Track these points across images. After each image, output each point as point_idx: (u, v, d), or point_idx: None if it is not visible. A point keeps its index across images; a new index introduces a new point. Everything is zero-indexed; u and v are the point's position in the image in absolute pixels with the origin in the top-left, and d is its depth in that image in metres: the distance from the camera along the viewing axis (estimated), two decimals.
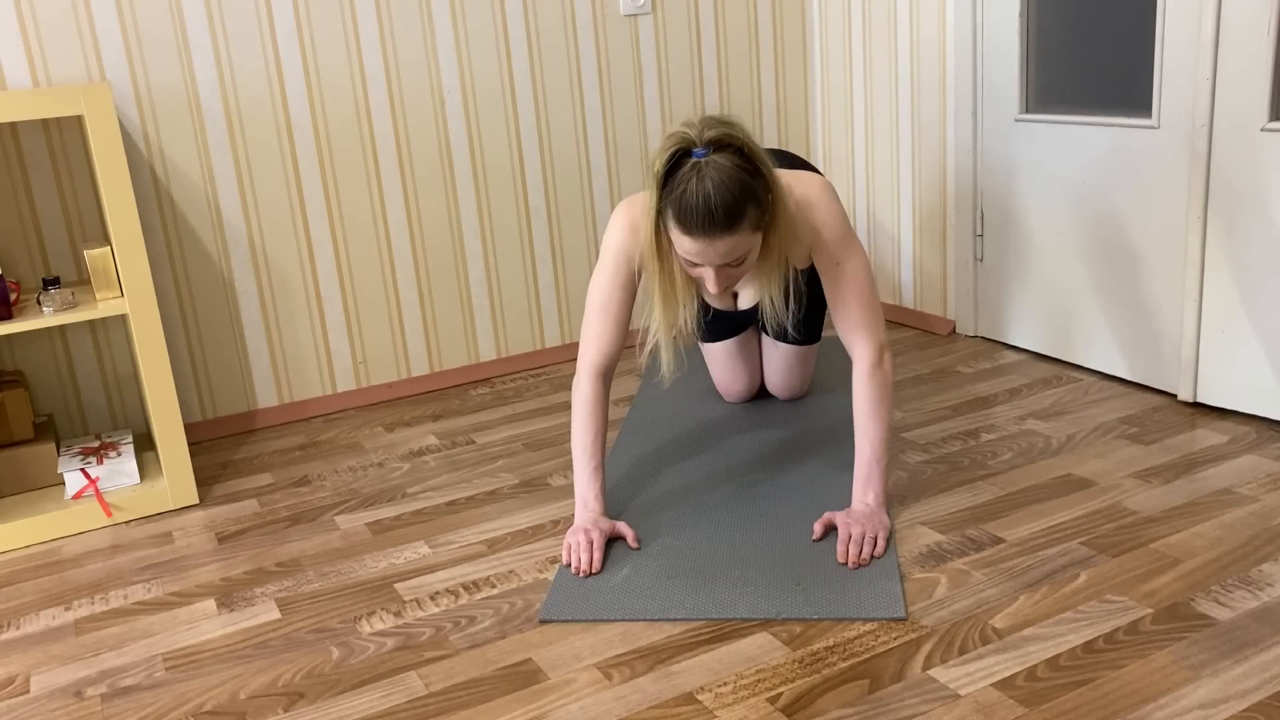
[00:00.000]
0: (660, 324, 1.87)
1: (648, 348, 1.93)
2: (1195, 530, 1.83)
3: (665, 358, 1.90)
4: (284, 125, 2.62)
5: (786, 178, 1.88)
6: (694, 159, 1.68)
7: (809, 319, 2.35)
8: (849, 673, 1.51)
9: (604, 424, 1.96)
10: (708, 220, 1.65)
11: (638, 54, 3.00)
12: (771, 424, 2.41)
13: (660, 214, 1.74)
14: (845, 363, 2.79)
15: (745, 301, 2.25)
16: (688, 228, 1.68)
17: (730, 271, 1.76)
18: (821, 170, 3.35)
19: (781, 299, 1.87)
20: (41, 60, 2.36)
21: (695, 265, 1.76)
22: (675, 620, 1.67)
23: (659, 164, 1.70)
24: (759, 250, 1.78)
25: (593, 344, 1.96)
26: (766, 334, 2.45)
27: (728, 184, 1.65)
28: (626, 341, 1.98)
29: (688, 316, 1.88)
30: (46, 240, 2.45)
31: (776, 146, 3.28)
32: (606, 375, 1.96)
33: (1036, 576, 1.73)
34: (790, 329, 2.25)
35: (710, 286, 1.77)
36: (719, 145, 1.68)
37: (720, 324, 2.38)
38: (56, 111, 2.04)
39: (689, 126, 1.70)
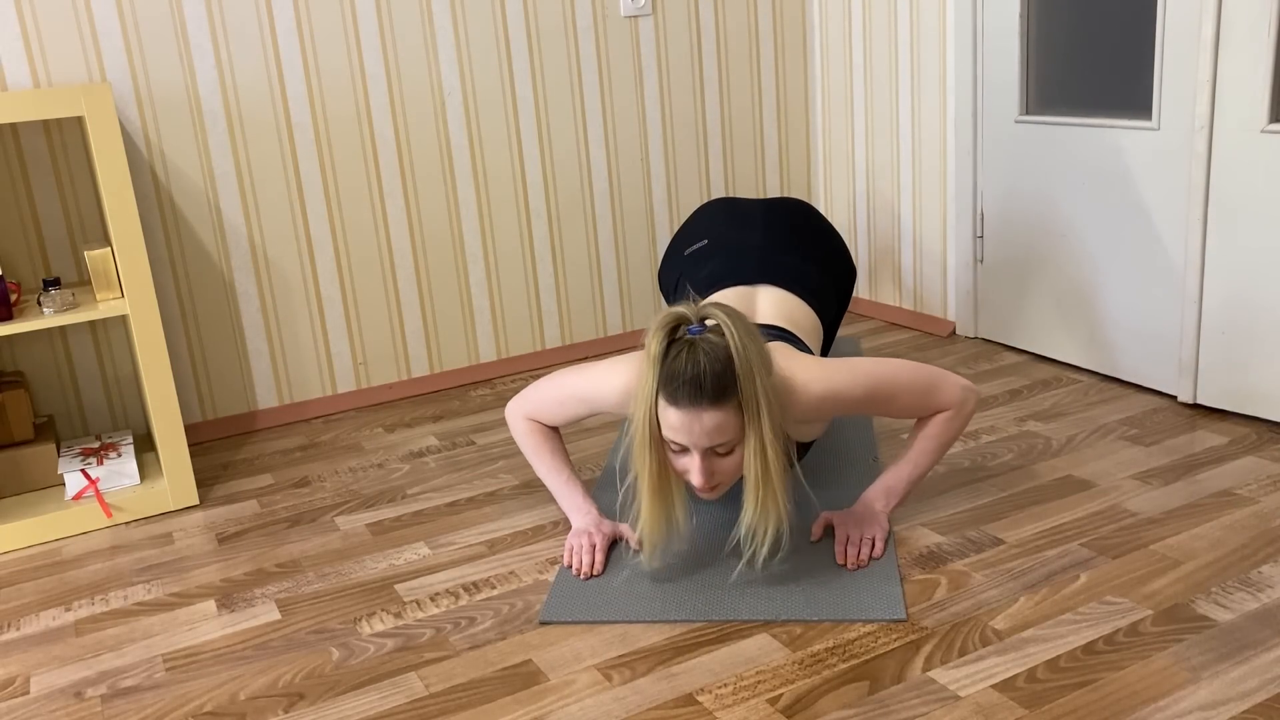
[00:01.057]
0: (646, 523, 1.73)
1: (630, 556, 1.86)
2: (1195, 532, 1.83)
3: (646, 555, 1.80)
4: (284, 125, 2.63)
5: (783, 373, 1.77)
6: (688, 334, 1.65)
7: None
8: (849, 674, 1.51)
9: (557, 439, 1.98)
10: (695, 391, 1.60)
11: (638, 55, 3.00)
12: None
13: (655, 393, 1.66)
14: None
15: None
16: (674, 398, 1.62)
17: (718, 463, 1.68)
18: (823, 172, 3.35)
19: (763, 534, 1.71)
20: (42, 61, 2.36)
21: (680, 452, 1.68)
22: (675, 622, 1.67)
23: (655, 345, 1.65)
24: (744, 449, 1.67)
25: (535, 409, 1.95)
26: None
27: (721, 358, 1.61)
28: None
29: (679, 515, 1.74)
30: (47, 241, 2.45)
31: (781, 195, 3.29)
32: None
33: (1037, 578, 1.73)
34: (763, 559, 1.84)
35: (695, 479, 1.68)
36: (714, 327, 1.65)
37: None
38: (57, 112, 2.04)
39: (685, 307, 1.67)
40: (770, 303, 2.06)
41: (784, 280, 2.10)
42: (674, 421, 1.64)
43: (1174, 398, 2.44)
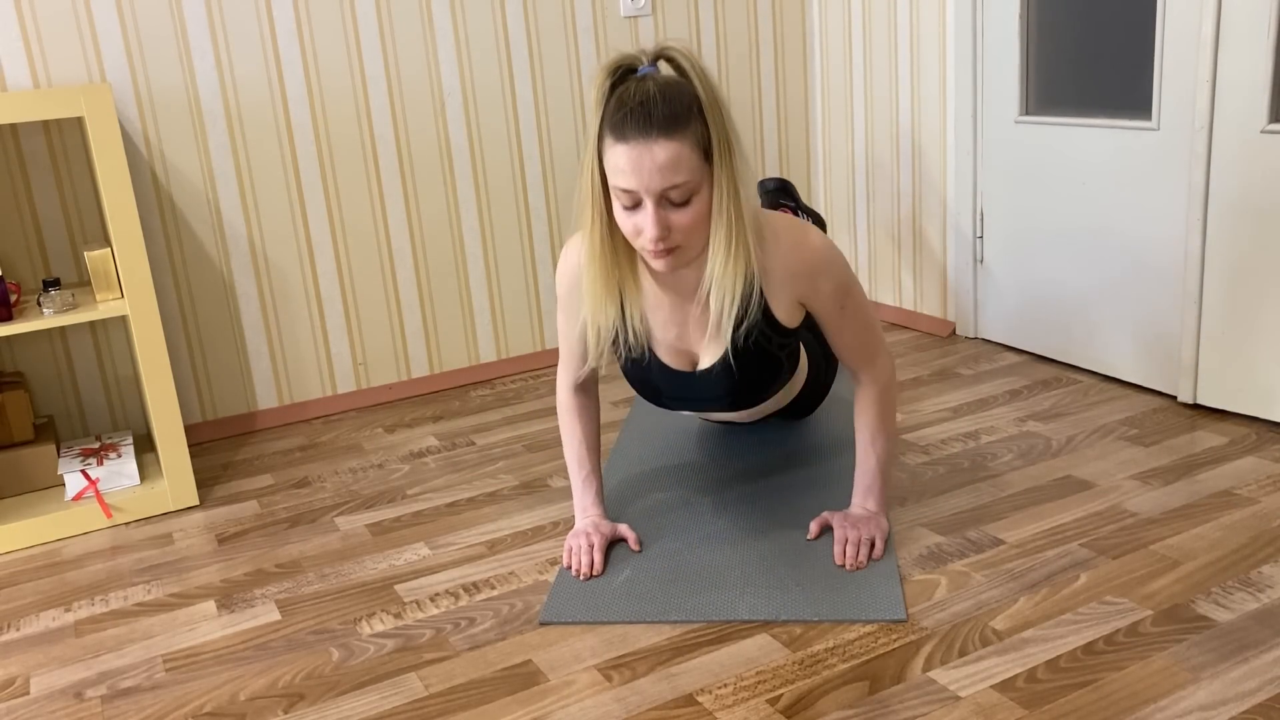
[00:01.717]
0: (589, 311, 1.64)
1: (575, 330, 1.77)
2: (1195, 532, 1.83)
3: (592, 347, 1.72)
4: (284, 126, 2.63)
5: (787, 222, 1.69)
6: (637, 75, 1.53)
7: (806, 397, 2.19)
8: (849, 674, 1.51)
9: (592, 428, 1.94)
10: (644, 120, 1.46)
11: None
12: (772, 424, 2.41)
13: (600, 139, 1.52)
14: None
15: (706, 360, 1.78)
16: (621, 132, 1.48)
17: (673, 215, 1.53)
18: (823, 172, 3.35)
19: (734, 283, 1.59)
20: (42, 61, 2.36)
21: (632, 207, 1.54)
22: (675, 623, 1.67)
23: (601, 81, 1.52)
24: (708, 202, 1.55)
25: (566, 365, 1.91)
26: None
27: (671, 87, 1.49)
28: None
29: (621, 322, 1.66)
30: (47, 241, 2.45)
31: (777, 176, 3.29)
32: (585, 387, 1.93)
33: (1036, 578, 1.73)
34: (742, 400, 1.80)
35: (648, 230, 1.52)
36: (670, 62, 1.54)
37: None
38: (57, 113, 2.04)
39: (638, 50, 1.57)
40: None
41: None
42: (621, 163, 1.49)
43: (1174, 398, 2.44)
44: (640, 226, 1.54)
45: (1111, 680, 1.45)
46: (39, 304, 2.15)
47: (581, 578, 1.82)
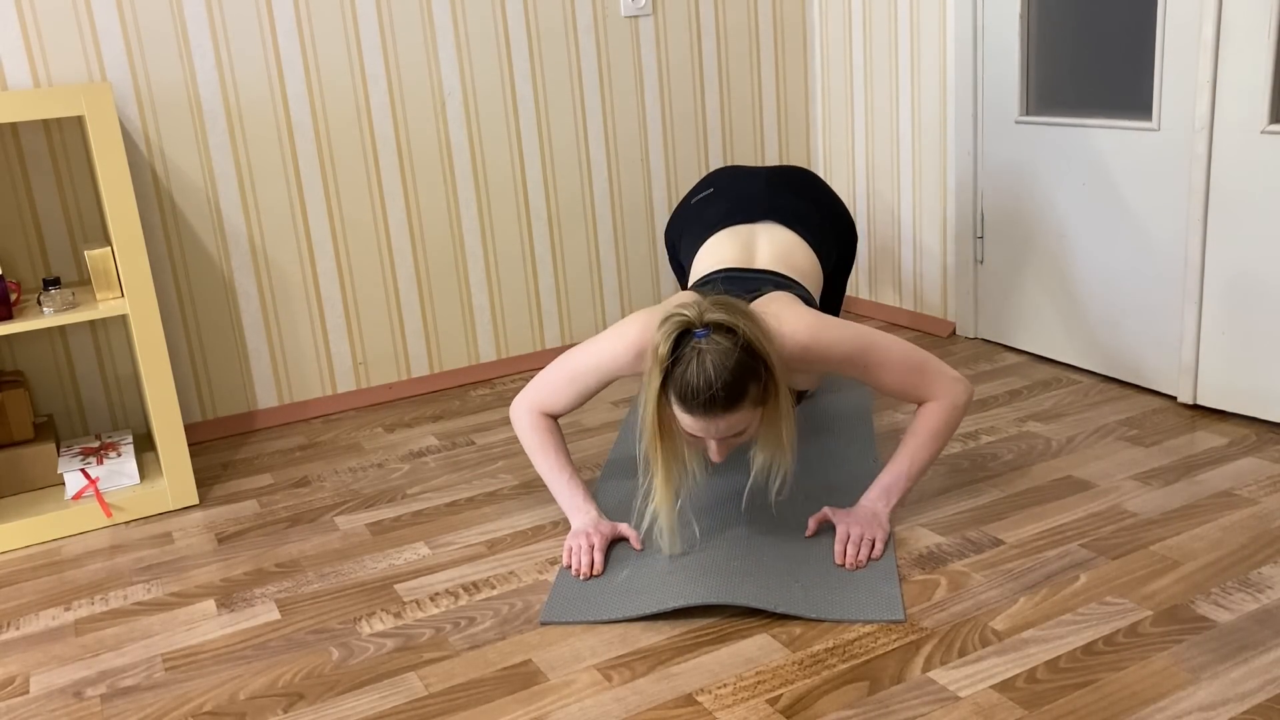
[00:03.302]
0: (661, 500, 1.78)
1: (644, 524, 1.88)
2: (1195, 533, 1.83)
3: (666, 538, 1.82)
4: (284, 125, 2.62)
5: (778, 327, 1.81)
6: (694, 339, 1.67)
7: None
8: (849, 674, 1.51)
9: (561, 439, 1.99)
10: (709, 402, 1.65)
11: (638, 55, 3.00)
12: None
13: (663, 394, 1.71)
14: None
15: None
16: (690, 409, 1.67)
17: (732, 442, 1.76)
18: (823, 172, 3.35)
19: (779, 468, 1.80)
20: (42, 60, 2.36)
21: (696, 437, 1.75)
22: (674, 613, 1.67)
23: (663, 348, 1.68)
24: (759, 424, 1.76)
25: (545, 396, 1.96)
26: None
27: (729, 365, 1.64)
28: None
29: (697, 472, 1.82)
30: (47, 240, 2.45)
31: (781, 164, 3.29)
32: (549, 417, 1.99)
33: (1036, 579, 1.73)
34: (775, 498, 2.02)
35: (713, 457, 1.77)
36: (718, 327, 1.68)
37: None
38: (57, 112, 2.04)
39: (687, 307, 1.70)
40: (770, 241, 2.10)
41: (785, 217, 2.15)
42: (688, 424, 1.71)
43: (1174, 398, 2.44)
44: (702, 447, 1.78)
45: (1111, 680, 1.45)
46: (39, 303, 2.15)
47: (582, 577, 1.82)
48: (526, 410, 1.99)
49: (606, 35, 2.95)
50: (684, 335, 1.68)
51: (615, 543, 1.91)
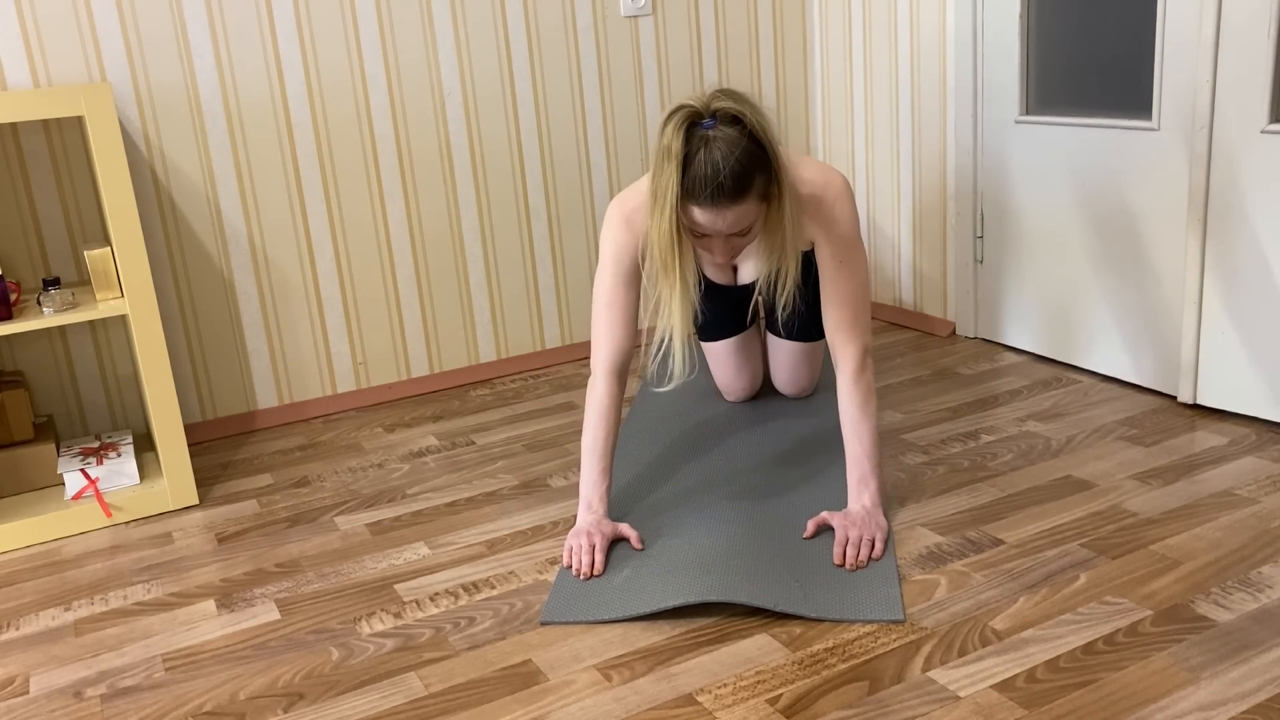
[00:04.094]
0: (676, 316, 1.81)
1: (656, 350, 1.89)
2: (1195, 532, 1.83)
3: (678, 358, 1.86)
4: (284, 125, 2.63)
5: (809, 166, 1.91)
6: (701, 130, 1.67)
7: (814, 314, 2.35)
8: (849, 674, 1.51)
9: (616, 426, 1.96)
10: (716, 190, 1.66)
11: (638, 55, 3.00)
12: (773, 423, 2.41)
13: (673, 179, 1.70)
14: None
15: (745, 276, 2.27)
16: (696, 197, 1.68)
17: (736, 241, 1.77)
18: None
19: (783, 275, 1.84)
20: (42, 60, 2.36)
21: (703, 236, 1.77)
22: (674, 613, 1.67)
23: (676, 143, 1.67)
24: (764, 221, 1.78)
25: (604, 342, 1.95)
26: (774, 333, 2.45)
27: (735, 154, 1.65)
28: (636, 341, 2.00)
29: (697, 306, 1.87)
30: (47, 240, 2.45)
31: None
32: (621, 373, 1.96)
33: (1036, 578, 1.73)
34: (786, 313, 2.04)
35: (718, 257, 1.79)
36: (725, 117, 1.68)
37: (721, 318, 2.39)
38: (57, 112, 2.04)
39: (695, 99, 1.71)
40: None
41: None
42: (695, 217, 1.72)
43: (1174, 398, 2.44)
44: (709, 247, 1.79)
45: (1111, 680, 1.45)
46: (39, 303, 2.15)
47: (582, 577, 1.82)
48: (598, 375, 1.96)
49: (606, 35, 2.95)
50: (691, 126, 1.69)
51: (616, 543, 1.91)
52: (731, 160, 1.65)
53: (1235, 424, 2.27)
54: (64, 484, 2.29)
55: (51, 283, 2.18)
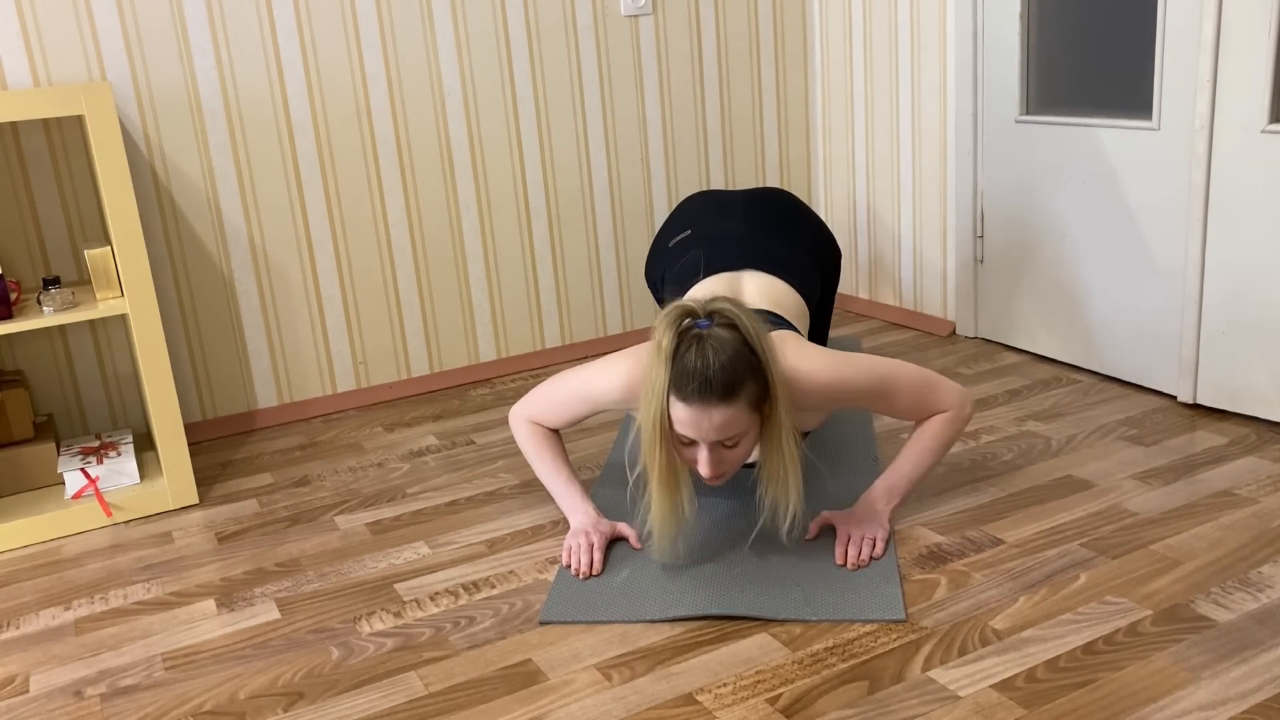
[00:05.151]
0: (656, 513, 1.75)
1: (641, 516, 1.83)
2: (1195, 532, 1.83)
3: (659, 545, 1.79)
4: (284, 125, 2.62)
5: (791, 362, 1.80)
6: (696, 329, 1.66)
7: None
8: (849, 674, 1.51)
9: (560, 446, 2.00)
10: (704, 388, 1.62)
11: (638, 55, 3.00)
12: None
13: (666, 383, 1.66)
14: None
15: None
16: (683, 394, 1.64)
17: (725, 454, 1.71)
18: (823, 173, 3.35)
19: (785, 508, 1.75)
20: (42, 60, 2.36)
21: (688, 445, 1.71)
22: (675, 620, 1.67)
23: (666, 340, 1.65)
24: (756, 436, 1.73)
25: (538, 413, 1.98)
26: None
27: (728, 354, 1.63)
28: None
29: (686, 506, 1.76)
30: (47, 240, 2.45)
31: (777, 185, 3.29)
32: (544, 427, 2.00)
33: (1036, 578, 1.73)
34: (789, 532, 1.86)
35: (703, 469, 1.71)
36: (721, 320, 1.67)
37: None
38: (57, 111, 2.04)
39: (694, 301, 1.69)
40: (755, 287, 2.09)
41: (766, 264, 2.13)
42: (683, 417, 1.66)
43: (1174, 398, 2.44)
44: (695, 458, 1.72)
45: (1111, 680, 1.45)
46: (39, 302, 2.15)
47: (581, 577, 1.82)
48: (522, 420, 2.00)
49: (606, 35, 2.95)
50: (686, 328, 1.67)
51: (615, 542, 1.91)
52: (723, 358, 1.62)
53: (1235, 424, 2.27)
54: (64, 483, 2.29)
55: (52, 282, 2.18)
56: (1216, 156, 2.22)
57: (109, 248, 2.21)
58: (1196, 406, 2.38)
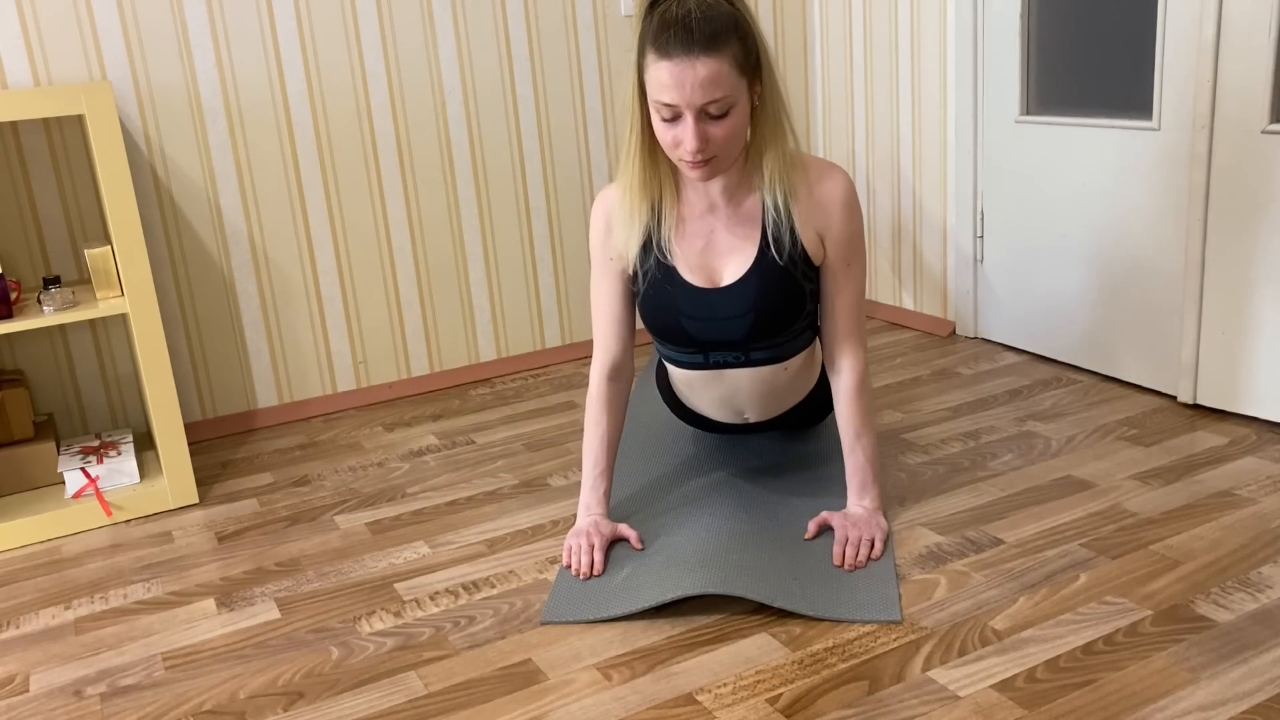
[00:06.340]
0: (625, 209, 1.73)
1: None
2: (1195, 532, 1.83)
3: (628, 257, 1.79)
4: (284, 124, 2.62)
5: (815, 157, 1.82)
6: None
7: (819, 393, 2.11)
8: (848, 674, 1.51)
9: (615, 427, 1.94)
10: (686, 36, 1.54)
11: None
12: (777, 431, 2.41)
13: (640, 54, 1.60)
14: None
15: (729, 275, 1.82)
16: (664, 48, 1.55)
17: (711, 129, 1.61)
18: None
19: (776, 225, 1.71)
20: (42, 59, 2.36)
21: (673, 120, 1.61)
22: (674, 612, 1.67)
23: (642, 1, 1.59)
24: (747, 113, 1.65)
25: (599, 347, 1.93)
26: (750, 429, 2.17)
27: (710, 6, 1.56)
28: (637, 340, 1.91)
29: (655, 223, 1.74)
30: (47, 239, 2.45)
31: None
32: (617, 375, 1.93)
33: (1036, 578, 1.73)
34: (766, 349, 1.83)
35: (687, 143, 1.61)
36: None
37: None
38: (57, 110, 2.04)
39: None
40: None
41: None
42: (664, 78, 1.57)
43: (1174, 398, 2.44)
44: (680, 138, 1.62)
45: (1111, 680, 1.45)
46: (39, 302, 2.15)
47: (581, 577, 1.82)
48: (593, 378, 1.93)
49: (606, 34, 2.95)
50: None
51: (615, 543, 1.91)
52: (706, 9, 1.55)
53: (1235, 424, 2.28)
54: (64, 482, 2.29)
55: (52, 281, 2.18)
56: (1216, 156, 2.22)
57: (109, 247, 2.21)
58: (1196, 406, 2.38)
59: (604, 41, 2.95)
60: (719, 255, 1.82)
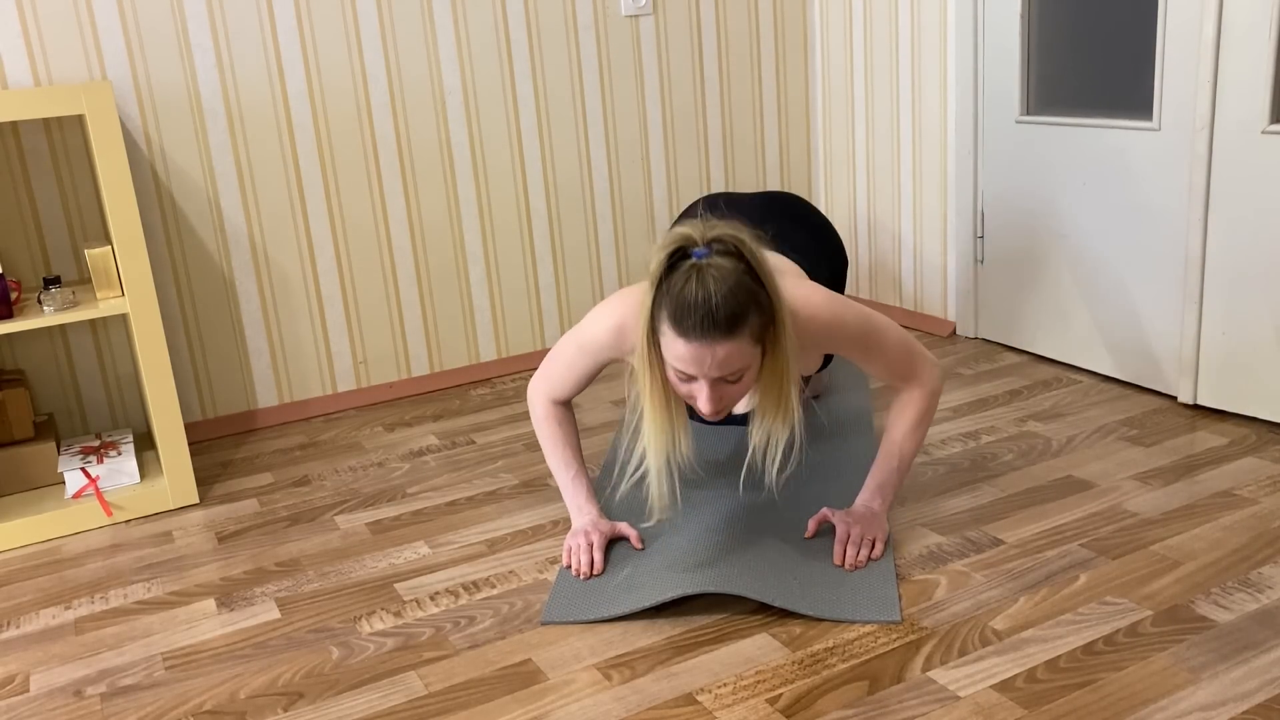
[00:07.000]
0: (652, 449, 1.69)
1: (629, 478, 1.76)
2: (1195, 532, 1.83)
3: (656, 491, 1.72)
4: (285, 124, 2.62)
5: (792, 295, 1.73)
6: (693, 259, 1.56)
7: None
8: (849, 674, 1.51)
9: (573, 431, 1.94)
10: (706, 322, 1.52)
11: (639, 54, 3.00)
12: None
13: (654, 318, 1.59)
14: (852, 364, 2.79)
15: (742, 406, 2.09)
16: (684, 330, 1.54)
17: (726, 390, 1.62)
18: (823, 173, 3.35)
19: (774, 442, 1.69)
20: (43, 59, 2.36)
21: (688, 380, 1.62)
22: (674, 612, 1.67)
23: (656, 262, 1.57)
24: (758, 370, 1.65)
25: (550, 386, 1.92)
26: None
27: (730, 286, 1.53)
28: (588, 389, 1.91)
29: (682, 442, 1.70)
30: (47, 239, 2.45)
31: (779, 189, 3.28)
32: (563, 402, 1.95)
33: (1036, 578, 1.73)
34: (780, 473, 1.81)
35: (703, 406, 1.61)
36: (721, 247, 1.57)
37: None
38: (58, 110, 2.04)
39: (691, 227, 1.59)
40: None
41: (778, 243, 2.04)
42: (683, 354, 1.57)
43: (1174, 398, 2.44)
44: (694, 394, 1.63)
45: (1111, 680, 1.45)
46: (39, 302, 2.15)
47: (582, 577, 1.82)
48: (539, 399, 1.94)
49: (607, 34, 2.95)
50: (682, 256, 1.57)
51: (615, 542, 1.91)
52: (724, 289, 1.52)
53: (1235, 424, 2.28)
54: (64, 482, 2.29)
55: (52, 281, 2.18)
56: (1216, 156, 2.22)
57: (109, 247, 2.21)
58: (1196, 407, 2.38)
59: (604, 41, 2.95)
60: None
